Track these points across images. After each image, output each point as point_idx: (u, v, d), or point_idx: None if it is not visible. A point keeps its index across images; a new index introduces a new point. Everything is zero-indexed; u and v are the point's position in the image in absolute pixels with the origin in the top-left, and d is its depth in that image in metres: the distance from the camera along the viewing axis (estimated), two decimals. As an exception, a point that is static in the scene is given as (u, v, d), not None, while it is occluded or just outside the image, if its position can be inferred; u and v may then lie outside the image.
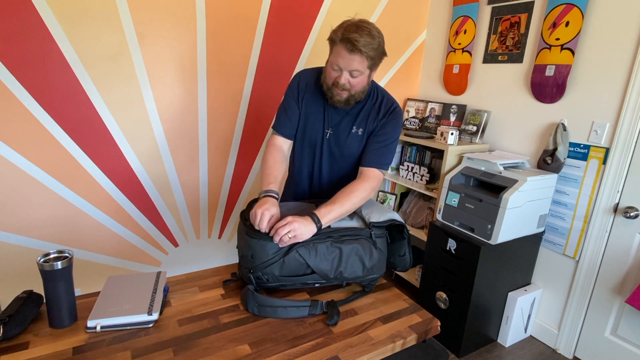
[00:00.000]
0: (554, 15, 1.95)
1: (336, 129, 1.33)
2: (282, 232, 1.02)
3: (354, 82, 1.20)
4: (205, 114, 2.01)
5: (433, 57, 2.68)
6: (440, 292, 2.10)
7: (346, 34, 1.12)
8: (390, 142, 1.31)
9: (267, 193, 1.15)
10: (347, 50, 1.14)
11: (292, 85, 1.35)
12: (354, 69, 1.17)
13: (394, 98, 1.35)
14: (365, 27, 1.13)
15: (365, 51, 1.13)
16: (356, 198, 1.18)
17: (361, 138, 1.33)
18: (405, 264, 1.24)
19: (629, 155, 1.77)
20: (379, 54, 1.18)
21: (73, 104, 1.68)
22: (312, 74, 1.35)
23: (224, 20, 1.92)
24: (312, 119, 1.34)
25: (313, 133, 1.35)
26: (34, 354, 0.84)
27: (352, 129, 1.32)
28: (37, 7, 1.51)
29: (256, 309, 1.02)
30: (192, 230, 2.17)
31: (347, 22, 1.17)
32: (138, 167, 1.91)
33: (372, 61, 1.18)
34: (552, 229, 2.08)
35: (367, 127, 1.32)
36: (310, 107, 1.34)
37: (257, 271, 1.05)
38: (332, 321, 1.00)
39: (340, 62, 1.17)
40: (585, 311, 1.99)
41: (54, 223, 1.77)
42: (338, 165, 1.38)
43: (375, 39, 1.14)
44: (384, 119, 1.31)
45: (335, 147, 1.35)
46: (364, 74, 1.20)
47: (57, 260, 0.93)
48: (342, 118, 1.32)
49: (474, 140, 2.33)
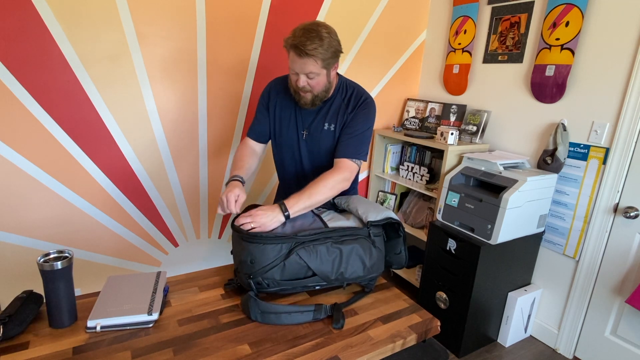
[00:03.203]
0: (554, 15, 1.95)
1: (310, 129, 1.40)
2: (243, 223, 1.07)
3: (312, 83, 1.26)
4: (205, 114, 2.01)
5: (433, 57, 2.68)
6: (440, 292, 2.10)
7: (294, 41, 1.19)
8: (360, 133, 1.34)
9: (232, 178, 1.25)
10: (297, 55, 1.20)
11: (263, 94, 1.45)
12: (309, 72, 1.22)
13: (365, 90, 1.40)
14: (313, 29, 1.18)
15: (313, 54, 1.18)
16: (325, 188, 1.22)
17: (334, 134, 1.38)
18: (402, 261, 1.24)
19: (629, 155, 1.77)
20: (331, 53, 1.22)
21: (73, 104, 1.68)
22: (281, 82, 1.43)
23: (224, 20, 1.92)
24: (286, 124, 1.42)
25: (289, 136, 1.43)
26: (34, 354, 0.84)
27: (324, 126, 1.38)
28: (37, 7, 1.51)
29: (259, 317, 1.00)
30: (192, 230, 2.17)
31: (299, 26, 1.22)
32: (138, 167, 1.91)
33: (325, 62, 1.22)
34: (552, 229, 2.08)
35: (337, 122, 1.37)
36: (283, 113, 1.42)
37: (257, 276, 1.03)
38: (338, 325, 0.99)
39: (295, 67, 1.23)
40: (585, 311, 1.99)
41: (54, 223, 1.77)
42: (320, 162, 1.43)
43: (324, 40, 1.19)
44: (353, 111, 1.36)
45: (313, 146, 1.41)
46: (320, 75, 1.25)
47: (57, 260, 0.93)
48: (314, 118, 1.39)
49: (474, 140, 2.33)
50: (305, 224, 1.16)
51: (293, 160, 1.46)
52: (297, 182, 1.47)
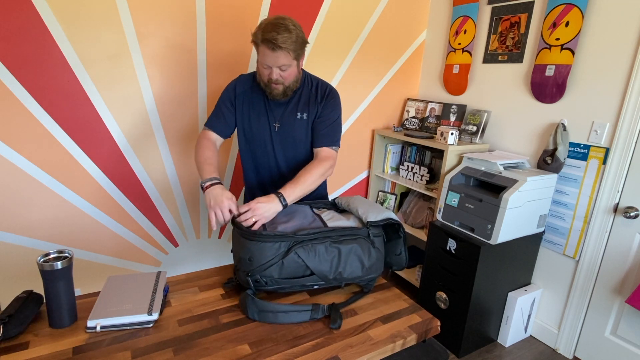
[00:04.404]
0: (554, 15, 1.95)
1: (282, 120, 1.43)
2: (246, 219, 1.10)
3: (285, 74, 1.30)
4: (206, 114, 2.01)
5: (433, 57, 2.68)
6: (440, 292, 2.10)
7: (265, 35, 1.22)
8: (334, 121, 1.44)
9: (212, 181, 1.21)
10: (270, 49, 1.23)
11: (228, 90, 1.44)
12: (282, 64, 1.26)
13: (326, 81, 1.48)
14: (281, 23, 1.22)
15: (285, 47, 1.22)
16: (316, 176, 1.31)
17: (307, 122, 1.44)
18: (402, 262, 1.24)
19: (629, 155, 1.77)
20: (299, 45, 1.27)
21: (73, 104, 1.68)
22: (247, 79, 1.45)
23: (224, 20, 1.92)
24: (256, 118, 1.44)
25: (260, 131, 1.44)
26: (34, 354, 0.84)
27: (297, 116, 1.43)
28: (37, 7, 1.51)
29: (257, 315, 1.01)
30: (192, 230, 2.17)
31: (264, 21, 1.26)
32: (138, 167, 1.91)
33: (296, 52, 1.27)
34: (552, 229, 2.08)
35: (309, 111, 1.43)
36: (251, 108, 1.43)
37: (256, 274, 1.04)
38: (335, 325, 0.99)
39: (268, 60, 1.26)
40: (585, 311, 1.99)
41: (54, 223, 1.77)
42: (292, 153, 1.47)
43: (292, 32, 1.23)
44: (323, 101, 1.43)
45: (286, 137, 1.44)
46: (292, 66, 1.30)
47: (57, 260, 0.93)
48: (285, 109, 1.43)
49: (474, 140, 2.33)
50: (304, 223, 1.16)
51: (265, 152, 1.47)
52: (270, 175, 1.50)
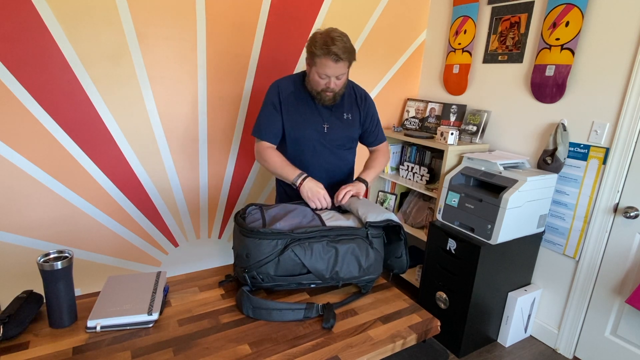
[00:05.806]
0: (554, 15, 1.95)
1: (331, 121, 1.53)
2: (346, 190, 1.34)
3: (339, 83, 1.42)
4: (206, 114, 2.01)
5: (433, 57, 2.68)
6: (440, 292, 2.10)
7: (327, 48, 1.30)
8: (378, 120, 1.65)
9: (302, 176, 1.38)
10: (333, 61, 1.33)
11: (271, 96, 1.50)
12: (340, 74, 1.38)
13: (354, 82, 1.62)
14: (337, 37, 1.32)
15: (345, 57, 1.33)
16: (383, 163, 1.61)
17: (352, 122, 1.56)
18: (403, 265, 1.24)
19: (629, 155, 1.77)
20: (353, 54, 1.39)
21: (73, 104, 1.68)
22: (290, 83, 1.52)
23: (224, 20, 1.92)
24: (304, 121, 1.50)
25: (309, 132, 1.51)
26: (34, 354, 0.84)
27: (344, 116, 1.55)
28: (37, 7, 1.51)
29: (251, 311, 1.02)
30: (192, 230, 2.17)
31: (320, 35, 1.34)
32: (138, 167, 1.91)
33: (351, 62, 1.40)
34: (552, 229, 2.08)
35: (353, 111, 1.56)
36: (300, 111, 1.50)
37: (252, 270, 1.05)
38: (328, 324, 0.99)
39: (329, 72, 1.36)
40: (585, 311, 1.99)
41: (54, 223, 1.77)
42: (338, 150, 1.58)
43: (347, 42, 1.34)
44: (363, 103, 1.58)
45: (334, 136, 1.54)
46: (345, 74, 1.42)
47: (57, 260, 0.93)
48: (332, 111, 1.53)
49: (474, 140, 2.33)
50: (303, 222, 1.16)
51: (315, 153, 1.54)
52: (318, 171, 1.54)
